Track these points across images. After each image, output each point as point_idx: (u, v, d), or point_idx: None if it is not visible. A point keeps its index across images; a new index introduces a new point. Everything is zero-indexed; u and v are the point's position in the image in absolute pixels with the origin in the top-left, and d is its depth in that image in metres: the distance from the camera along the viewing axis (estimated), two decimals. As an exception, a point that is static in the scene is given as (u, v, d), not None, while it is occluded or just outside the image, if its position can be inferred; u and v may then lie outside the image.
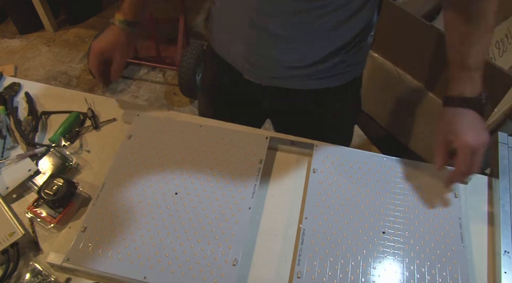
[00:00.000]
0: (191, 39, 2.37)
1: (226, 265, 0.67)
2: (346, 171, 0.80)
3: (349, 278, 0.67)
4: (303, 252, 0.69)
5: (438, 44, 1.19)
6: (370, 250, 0.70)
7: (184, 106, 2.13)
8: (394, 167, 0.81)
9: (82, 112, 0.89)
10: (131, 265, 0.67)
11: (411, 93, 1.32)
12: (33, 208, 0.75)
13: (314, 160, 0.81)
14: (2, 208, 0.73)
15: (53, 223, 0.73)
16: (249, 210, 0.73)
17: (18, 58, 2.32)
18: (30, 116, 0.88)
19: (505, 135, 0.84)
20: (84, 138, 0.87)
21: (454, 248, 0.70)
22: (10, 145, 0.84)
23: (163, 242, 0.70)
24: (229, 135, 0.84)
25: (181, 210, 0.73)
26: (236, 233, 0.71)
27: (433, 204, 0.75)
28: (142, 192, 0.76)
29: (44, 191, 0.73)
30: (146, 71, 2.28)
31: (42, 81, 2.19)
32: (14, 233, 0.69)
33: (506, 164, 0.80)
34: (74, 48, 2.38)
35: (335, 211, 0.74)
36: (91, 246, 0.69)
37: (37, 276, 0.67)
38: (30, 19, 2.40)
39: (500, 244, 0.71)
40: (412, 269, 0.68)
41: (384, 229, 0.72)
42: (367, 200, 0.76)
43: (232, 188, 0.76)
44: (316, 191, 0.77)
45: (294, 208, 0.77)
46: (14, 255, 0.68)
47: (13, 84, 0.95)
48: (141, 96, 2.17)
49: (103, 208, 0.74)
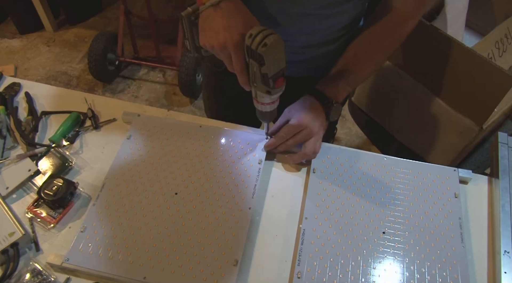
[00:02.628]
0: (191, 39, 2.37)
1: (226, 265, 0.67)
2: (346, 171, 0.80)
3: (349, 278, 0.67)
4: (303, 252, 0.69)
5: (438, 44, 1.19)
6: (370, 250, 0.70)
7: (184, 106, 2.13)
8: (394, 167, 0.81)
9: (82, 112, 0.89)
10: (131, 265, 0.67)
11: (411, 92, 1.32)
12: (33, 208, 0.75)
13: (314, 160, 0.81)
14: (2, 208, 0.73)
15: (53, 223, 0.73)
16: (249, 210, 0.73)
17: (18, 58, 2.32)
18: (30, 116, 0.88)
19: (505, 135, 0.84)
20: (84, 138, 0.87)
21: (454, 248, 0.70)
22: (10, 145, 0.84)
23: (163, 242, 0.70)
24: (229, 135, 0.84)
25: (181, 210, 0.73)
26: (236, 233, 0.71)
27: (433, 204, 0.76)
28: (142, 192, 0.76)
29: (44, 191, 0.73)
30: (146, 71, 2.28)
31: (42, 81, 2.19)
32: (14, 233, 0.69)
33: (506, 164, 0.80)
34: (74, 48, 2.38)
35: (335, 211, 0.74)
36: (91, 246, 0.69)
37: (37, 276, 0.67)
38: (30, 19, 2.39)
39: (500, 244, 0.71)
40: (412, 269, 0.68)
41: (384, 229, 0.72)
42: (367, 200, 0.76)
43: (232, 188, 0.76)
44: (316, 191, 0.77)
45: (294, 208, 0.77)
46: (14, 255, 0.68)
47: (13, 84, 0.95)
48: (141, 96, 2.17)
49: (103, 208, 0.74)
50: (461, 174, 0.80)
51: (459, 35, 1.31)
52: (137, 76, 2.26)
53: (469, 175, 0.80)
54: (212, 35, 0.62)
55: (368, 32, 0.80)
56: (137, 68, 2.28)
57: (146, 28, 2.24)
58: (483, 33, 1.44)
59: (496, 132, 0.85)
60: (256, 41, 0.58)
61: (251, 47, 0.59)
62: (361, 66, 0.81)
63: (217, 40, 0.62)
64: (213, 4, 0.61)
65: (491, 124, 1.19)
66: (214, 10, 0.62)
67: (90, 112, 0.89)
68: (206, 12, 0.62)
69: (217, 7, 0.61)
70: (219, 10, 0.61)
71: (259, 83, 0.64)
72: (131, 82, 2.23)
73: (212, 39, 0.62)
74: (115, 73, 2.21)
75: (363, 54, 0.81)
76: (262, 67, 0.61)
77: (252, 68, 0.63)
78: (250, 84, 0.66)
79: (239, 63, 0.63)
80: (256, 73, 0.62)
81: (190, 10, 0.67)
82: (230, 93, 1.01)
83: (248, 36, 0.59)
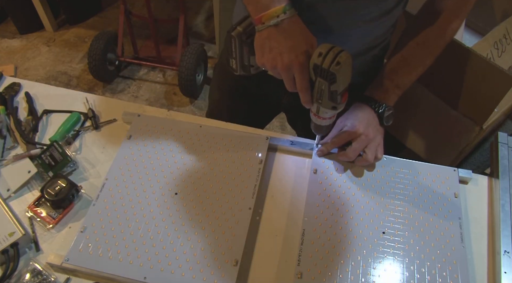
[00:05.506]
0: (191, 39, 2.38)
1: (226, 266, 0.67)
2: (346, 171, 0.80)
3: (349, 278, 0.67)
4: (303, 253, 0.69)
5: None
6: (370, 250, 0.70)
7: (184, 106, 2.13)
8: (394, 167, 0.81)
9: (83, 112, 0.89)
10: (131, 265, 0.67)
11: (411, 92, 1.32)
12: (34, 207, 0.75)
13: (314, 160, 0.81)
14: (2, 208, 0.73)
15: (52, 223, 0.73)
16: (249, 210, 0.73)
17: (18, 58, 2.32)
18: (30, 116, 0.88)
19: (505, 135, 0.84)
20: (84, 138, 0.87)
21: (454, 248, 0.70)
22: (10, 145, 0.84)
23: (163, 242, 0.70)
24: (229, 135, 0.84)
25: (181, 210, 0.73)
26: (236, 233, 0.71)
27: (433, 204, 0.75)
28: (142, 192, 0.76)
29: (46, 190, 0.73)
30: (146, 71, 2.28)
31: (42, 81, 2.18)
32: (14, 233, 0.69)
33: (506, 164, 0.80)
34: (74, 48, 2.38)
35: (335, 212, 0.74)
36: (91, 246, 0.69)
37: (37, 276, 0.67)
38: (30, 19, 2.39)
39: (500, 244, 0.71)
40: (412, 269, 0.68)
41: (384, 229, 0.72)
42: (367, 200, 0.76)
43: (232, 188, 0.76)
44: (316, 191, 0.77)
45: (294, 208, 0.77)
46: (14, 255, 0.68)
47: (13, 84, 0.95)
48: (141, 96, 2.16)
49: (103, 208, 0.74)
50: (461, 174, 0.80)
51: (458, 35, 1.31)
52: (137, 76, 2.26)
53: (469, 175, 0.80)
54: (275, 56, 0.61)
55: (414, 34, 0.79)
56: (137, 68, 2.28)
57: (146, 28, 2.24)
58: (483, 33, 1.44)
59: (496, 132, 0.85)
60: (328, 60, 0.57)
61: (322, 66, 0.58)
62: (409, 68, 0.80)
63: (281, 62, 0.61)
64: (276, 24, 0.59)
65: (491, 124, 1.19)
66: (276, 30, 0.60)
67: (91, 112, 0.89)
68: (267, 31, 0.61)
69: (279, 27, 0.60)
70: (282, 31, 0.60)
71: (325, 100, 0.63)
72: (131, 82, 2.23)
73: (275, 60, 0.62)
74: (115, 73, 2.21)
75: (410, 56, 0.80)
76: (333, 85, 0.59)
77: (320, 86, 0.62)
78: (313, 102, 0.65)
79: (303, 83, 0.62)
80: (324, 91, 0.61)
81: (241, 29, 0.65)
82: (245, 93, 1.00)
83: (317, 55, 0.58)
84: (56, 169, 0.79)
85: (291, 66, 0.61)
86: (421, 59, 0.80)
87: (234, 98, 1.05)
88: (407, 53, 0.80)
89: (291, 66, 0.61)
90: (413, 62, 0.80)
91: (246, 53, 0.68)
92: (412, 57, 0.80)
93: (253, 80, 0.87)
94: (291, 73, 0.62)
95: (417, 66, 0.80)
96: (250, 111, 1.04)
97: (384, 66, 0.82)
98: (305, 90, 0.63)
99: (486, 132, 1.22)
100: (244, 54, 0.68)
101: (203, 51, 2.05)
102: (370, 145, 0.77)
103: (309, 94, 0.64)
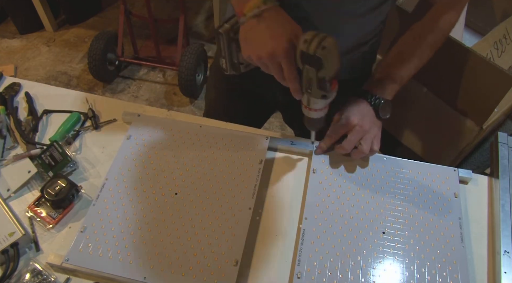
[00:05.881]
0: (191, 39, 2.37)
1: (226, 266, 0.67)
2: (346, 171, 0.80)
3: (349, 278, 0.67)
4: (303, 253, 0.69)
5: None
6: (370, 250, 0.70)
7: (184, 106, 2.13)
8: (394, 167, 0.81)
9: (83, 112, 0.89)
10: (131, 265, 0.67)
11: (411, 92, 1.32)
12: (34, 207, 0.75)
13: (314, 160, 0.81)
14: (2, 208, 0.73)
15: (52, 224, 0.73)
16: (249, 210, 0.73)
17: (18, 58, 2.32)
18: (30, 116, 0.88)
19: (505, 135, 0.84)
20: (84, 138, 0.87)
21: (454, 248, 0.70)
22: (10, 145, 0.84)
23: (163, 242, 0.70)
24: (229, 135, 0.84)
25: (181, 211, 0.73)
26: (236, 233, 0.71)
27: (433, 204, 0.75)
28: (142, 192, 0.76)
29: (46, 190, 0.73)
30: (146, 71, 2.28)
31: (42, 81, 2.18)
32: (14, 233, 0.69)
33: (506, 164, 0.80)
34: (74, 48, 2.38)
35: (335, 212, 0.74)
36: (91, 246, 0.69)
37: (37, 276, 0.67)
38: (30, 19, 2.39)
39: (500, 244, 0.71)
40: (412, 269, 0.68)
41: (384, 229, 0.72)
42: (367, 200, 0.76)
43: (232, 188, 0.76)
44: (316, 191, 0.77)
45: (294, 208, 0.77)
46: (14, 255, 0.68)
47: (13, 84, 0.95)
48: (141, 96, 2.16)
49: (103, 208, 0.74)
50: (461, 174, 0.80)
51: (458, 35, 1.31)
52: (137, 76, 2.26)
53: (469, 175, 0.80)
54: (259, 45, 0.61)
55: (410, 29, 0.80)
56: (137, 68, 2.28)
57: (146, 28, 2.24)
58: (483, 33, 1.44)
59: (496, 132, 0.85)
60: (313, 45, 0.57)
61: (308, 52, 0.58)
62: (403, 61, 0.80)
63: (265, 50, 0.60)
64: (256, 14, 0.60)
65: (491, 124, 1.19)
66: (257, 21, 0.61)
67: (91, 112, 0.89)
68: (249, 23, 0.61)
69: (260, 18, 0.60)
70: (263, 20, 0.60)
71: (315, 88, 0.63)
72: (131, 82, 2.23)
73: (259, 49, 0.61)
74: (115, 73, 2.21)
75: (405, 49, 0.80)
76: (320, 71, 0.60)
77: (307, 74, 0.61)
78: (302, 92, 0.65)
79: (291, 71, 0.62)
80: (312, 78, 0.61)
81: (228, 26, 0.65)
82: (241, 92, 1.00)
83: (302, 41, 0.58)
84: (56, 169, 0.79)
85: (274, 53, 0.60)
86: (416, 51, 0.80)
87: (230, 98, 1.05)
88: (402, 47, 0.81)
89: (274, 53, 0.60)
90: (407, 55, 0.80)
91: (234, 51, 0.68)
92: (407, 50, 0.80)
93: (248, 79, 0.87)
94: (277, 61, 0.61)
95: (412, 58, 0.80)
96: (246, 110, 1.04)
97: (381, 61, 0.83)
98: (293, 79, 0.62)
99: (486, 132, 1.22)
100: (233, 51, 0.68)
101: (203, 51, 2.05)
102: (365, 137, 0.77)
103: (298, 83, 0.63)
